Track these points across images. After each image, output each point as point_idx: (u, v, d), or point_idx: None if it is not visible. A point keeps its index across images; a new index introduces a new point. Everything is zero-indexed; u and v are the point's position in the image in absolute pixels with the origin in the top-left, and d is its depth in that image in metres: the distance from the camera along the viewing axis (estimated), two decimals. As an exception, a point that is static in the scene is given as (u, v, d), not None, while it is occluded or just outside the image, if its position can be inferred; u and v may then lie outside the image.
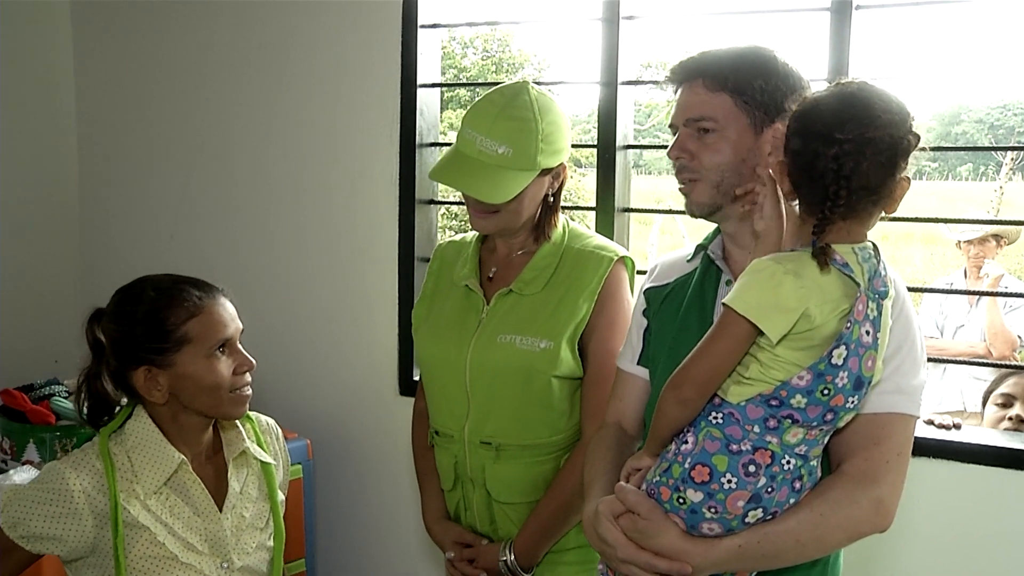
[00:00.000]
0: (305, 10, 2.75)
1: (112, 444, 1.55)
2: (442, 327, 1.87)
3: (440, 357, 1.85)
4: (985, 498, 2.09)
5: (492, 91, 1.79)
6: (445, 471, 1.89)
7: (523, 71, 15.50)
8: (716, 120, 1.39)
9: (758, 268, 1.23)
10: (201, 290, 1.57)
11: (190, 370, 1.52)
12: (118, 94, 3.08)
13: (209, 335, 1.54)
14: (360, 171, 2.72)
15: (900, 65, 14.89)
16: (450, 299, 1.89)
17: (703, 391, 1.26)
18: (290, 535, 2.51)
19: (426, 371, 1.93)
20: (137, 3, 3.01)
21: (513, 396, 1.78)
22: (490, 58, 15.61)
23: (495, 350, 1.78)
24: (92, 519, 1.49)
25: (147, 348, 1.52)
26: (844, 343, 1.20)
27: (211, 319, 1.55)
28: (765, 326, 1.19)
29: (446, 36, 14.83)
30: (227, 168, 2.93)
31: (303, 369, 2.86)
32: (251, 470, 1.68)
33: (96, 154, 3.14)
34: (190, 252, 2.97)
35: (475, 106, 1.77)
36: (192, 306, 1.54)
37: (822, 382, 1.21)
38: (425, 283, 1.98)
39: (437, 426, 1.89)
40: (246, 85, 2.87)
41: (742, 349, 1.23)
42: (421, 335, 1.91)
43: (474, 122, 1.74)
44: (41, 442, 2.36)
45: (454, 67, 15.20)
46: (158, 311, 1.53)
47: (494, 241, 1.89)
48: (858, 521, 1.30)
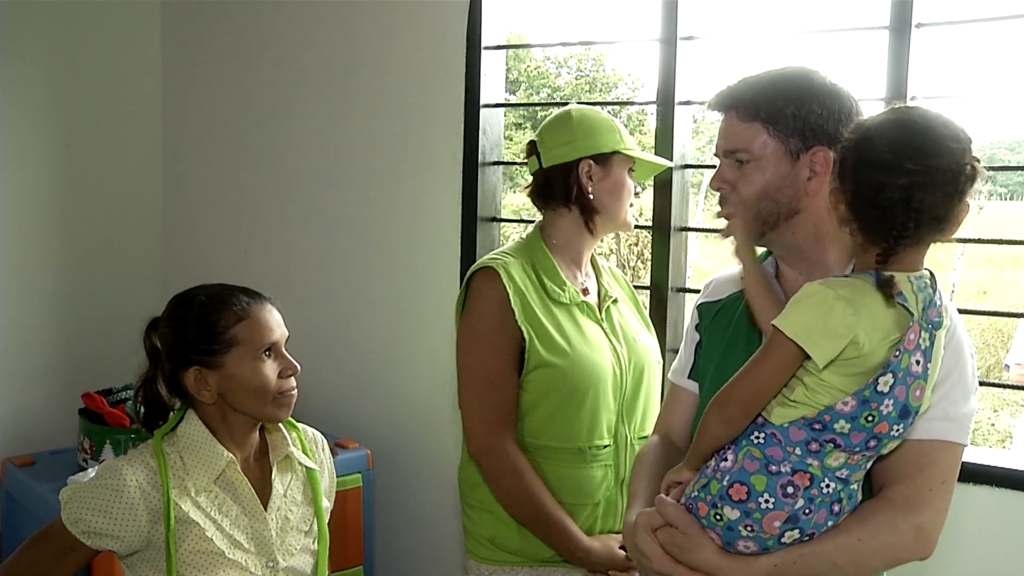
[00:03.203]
0: (373, 32, 2.85)
1: (165, 444, 1.63)
2: (594, 344, 1.88)
3: (606, 369, 1.87)
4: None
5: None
6: (596, 484, 1.87)
7: (617, 90, 15.46)
8: (751, 151, 1.39)
9: (810, 292, 1.22)
10: (250, 296, 1.65)
11: (237, 371, 1.59)
12: (199, 113, 3.24)
13: (256, 338, 1.61)
14: (424, 188, 2.79)
15: (970, 83, 14.18)
16: (562, 318, 1.87)
17: (748, 411, 1.26)
18: (348, 542, 2.59)
19: (586, 389, 1.85)
20: (219, 31, 3.17)
21: (651, 388, 1.96)
22: (583, 77, 15.63)
23: (638, 351, 1.94)
24: (147, 514, 1.56)
25: (198, 349, 1.60)
26: (891, 371, 1.19)
27: (258, 323, 1.62)
28: (812, 350, 1.18)
29: (540, 55, 14.93)
30: (297, 184, 3.05)
31: (366, 381, 2.94)
32: (295, 475, 1.73)
33: (177, 165, 3.31)
34: (263, 265, 3.10)
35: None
36: (240, 311, 1.61)
37: (867, 408, 1.19)
38: (515, 312, 1.83)
39: (592, 441, 1.86)
40: (315, 104, 2.98)
41: (789, 371, 1.23)
42: (576, 358, 1.84)
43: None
44: (117, 443, 2.48)
45: (548, 86, 15.26)
46: (208, 314, 1.61)
47: (562, 256, 1.94)
48: (898, 548, 1.29)
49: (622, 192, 1.91)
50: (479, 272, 1.87)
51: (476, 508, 1.92)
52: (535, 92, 14.81)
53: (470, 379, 1.86)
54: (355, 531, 2.64)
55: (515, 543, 1.88)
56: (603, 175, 1.89)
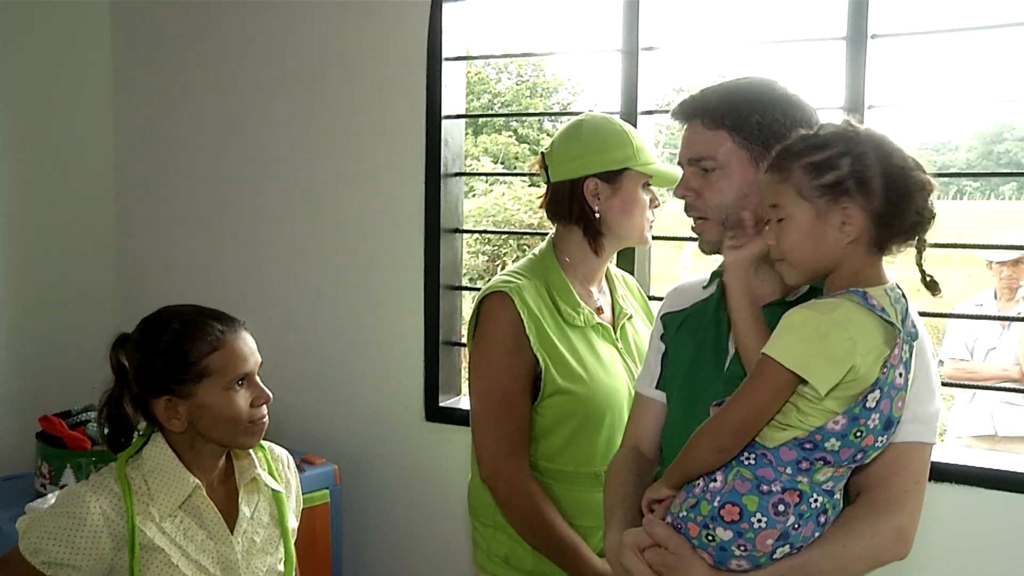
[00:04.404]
0: (333, 45, 2.82)
1: (129, 468, 1.59)
2: (610, 368, 1.85)
3: (623, 393, 1.84)
4: (1000, 524, 2.09)
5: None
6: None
7: (557, 95, 15.55)
8: (716, 159, 1.41)
9: (802, 319, 1.22)
10: (224, 324, 1.61)
11: (209, 401, 1.56)
12: (152, 127, 3.17)
13: (229, 369, 1.58)
14: (387, 200, 2.77)
15: (932, 89, 14.73)
16: (577, 342, 1.83)
17: (740, 440, 1.25)
18: (316, 560, 2.56)
19: (603, 415, 1.82)
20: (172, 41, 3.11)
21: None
22: (524, 83, 15.69)
23: None
24: (110, 541, 1.52)
25: (169, 379, 1.56)
26: (879, 387, 1.21)
27: (232, 354, 1.59)
28: (813, 379, 1.18)
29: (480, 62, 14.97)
30: (257, 198, 3.00)
31: (331, 395, 2.91)
32: (262, 496, 1.71)
33: (131, 182, 3.22)
34: (219, 279, 3.05)
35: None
36: (215, 340, 1.58)
37: (856, 425, 1.21)
38: (530, 338, 1.79)
39: (607, 464, 1.82)
40: (273, 116, 2.94)
41: (782, 399, 1.23)
42: (593, 384, 1.81)
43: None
44: (78, 467, 2.41)
45: (489, 92, 15.28)
46: (181, 343, 1.57)
47: (575, 274, 1.89)
48: (880, 550, 1.31)
49: (634, 209, 1.83)
50: (491, 296, 1.80)
51: (489, 527, 1.88)
52: (476, 98, 14.81)
53: (483, 403, 1.82)
54: (323, 548, 2.61)
55: (529, 564, 1.84)
56: (611, 193, 1.81)
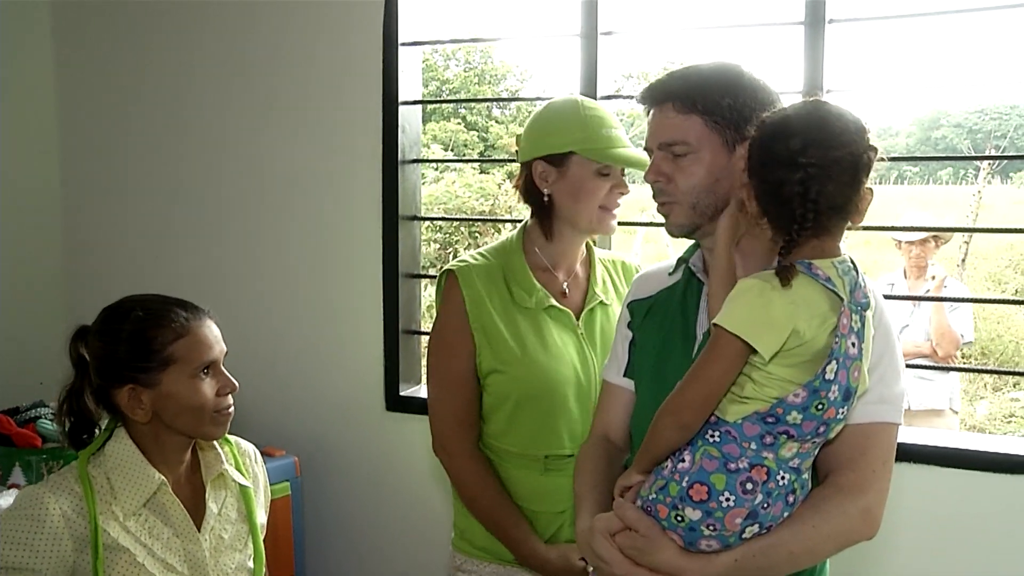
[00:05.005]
0: (286, 30, 2.77)
1: (91, 466, 1.54)
2: (554, 351, 1.82)
3: (567, 378, 1.81)
4: (964, 501, 2.13)
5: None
6: (561, 494, 1.81)
7: (505, 82, 15.51)
8: (688, 143, 1.40)
9: (747, 287, 1.24)
10: (188, 311, 1.57)
11: (174, 390, 1.53)
12: (100, 117, 3.09)
13: (194, 357, 1.54)
14: (344, 188, 2.74)
15: (877, 75, 15.06)
16: (522, 324, 1.82)
17: (701, 414, 1.26)
18: (279, 553, 2.52)
19: (540, 397, 1.81)
20: (119, 27, 3.02)
21: None
22: (472, 69, 15.62)
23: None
24: (72, 543, 1.48)
25: (132, 367, 1.52)
26: (835, 358, 1.22)
27: (197, 341, 1.55)
28: (757, 343, 1.20)
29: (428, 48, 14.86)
30: (211, 186, 2.94)
31: (290, 387, 2.87)
32: (230, 492, 1.68)
33: (78, 174, 3.14)
34: (174, 271, 2.98)
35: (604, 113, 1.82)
36: (179, 327, 1.54)
37: (816, 398, 1.22)
38: (469, 317, 1.81)
39: (552, 450, 1.81)
40: (228, 105, 2.88)
41: (736, 368, 1.24)
42: (528, 365, 1.79)
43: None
44: (27, 465, 2.35)
45: (436, 79, 15.18)
46: (144, 331, 1.53)
47: (539, 258, 1.86)
48: (848, 531, 1.32)
49: (582, 195, 1.78)
50: (445, 275, 1.85)
51: (456, 501, 1.91)
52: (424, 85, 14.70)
53: (433, 379, 1.86)
54: (285, 540, 2.57)
55: (480, 540, 1.87)
56: (558, 176, 1.79)
